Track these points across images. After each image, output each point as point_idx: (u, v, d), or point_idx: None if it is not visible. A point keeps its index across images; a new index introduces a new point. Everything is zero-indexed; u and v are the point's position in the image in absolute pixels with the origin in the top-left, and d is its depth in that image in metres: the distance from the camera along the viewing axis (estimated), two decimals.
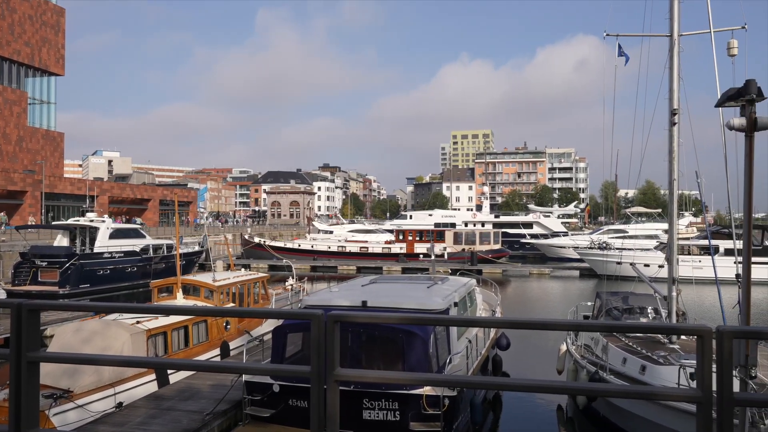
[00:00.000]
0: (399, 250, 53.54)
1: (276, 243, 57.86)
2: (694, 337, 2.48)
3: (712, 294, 13.09)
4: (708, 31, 13.36)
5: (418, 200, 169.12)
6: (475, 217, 70.95)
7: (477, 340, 13.11)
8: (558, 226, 69.02)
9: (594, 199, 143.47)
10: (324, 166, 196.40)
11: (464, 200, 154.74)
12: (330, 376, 2.70)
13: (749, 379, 7.35)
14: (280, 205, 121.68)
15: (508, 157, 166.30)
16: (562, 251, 55.83)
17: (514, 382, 3.13)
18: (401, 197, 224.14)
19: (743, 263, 7.36)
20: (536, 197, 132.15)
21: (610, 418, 12.28)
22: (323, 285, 30.29)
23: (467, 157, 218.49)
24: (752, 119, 6.54)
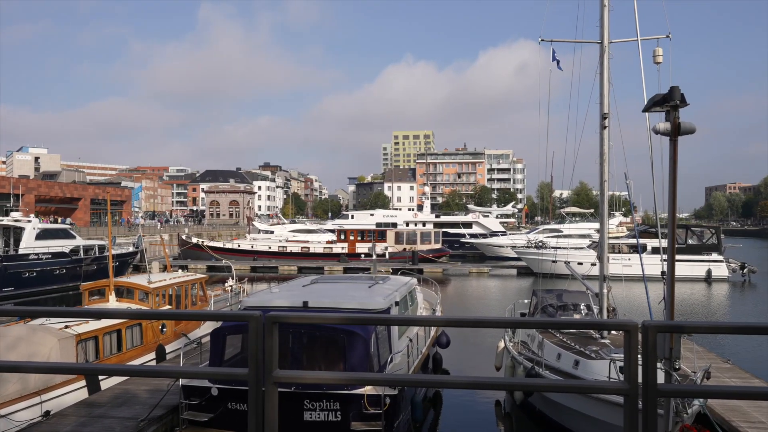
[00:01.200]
0: (340, 250, 53.41)
1: (215, 243, 56.62)
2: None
3: (641, 290, 13.68)
4: (635, 39, 13.98)
5: (359, 200, 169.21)
6: (416, 216, 71.62)
7: (418, 339, 13.24)
8: (496, 225, 70.55)
9: (531, 199, 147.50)
10: (265, 165, 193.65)
11: (405, 200, 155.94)
12: (268, 378, 2.66)
13: (673, 370, 7.75)
14: (219, 204, 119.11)
15: (448, 157, 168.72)
16: (501, 250, 57.12)
17: (453, 380, 3.18)
18: (343, 197, 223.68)
19: (668, 261, 7.74)
20: (476, 197, 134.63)
21: (546, 411, 12.65)
22: (264, 286, 29.85)
23: (408, 158, 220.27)
24: (676, 124, 6.88)
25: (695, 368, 10.43)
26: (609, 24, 13.89)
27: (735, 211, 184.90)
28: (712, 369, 10.90)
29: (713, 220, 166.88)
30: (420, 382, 3.60)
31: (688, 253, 42.02)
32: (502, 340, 15.37)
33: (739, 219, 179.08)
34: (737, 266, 43.29)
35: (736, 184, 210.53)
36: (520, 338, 14.88)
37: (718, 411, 11.12)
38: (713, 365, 12.67)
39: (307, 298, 11.26)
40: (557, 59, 15.46)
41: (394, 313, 11.71)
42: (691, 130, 6.96)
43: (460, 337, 20.12)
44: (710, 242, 44.49)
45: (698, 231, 47.39)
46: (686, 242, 43.72)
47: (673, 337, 7.36)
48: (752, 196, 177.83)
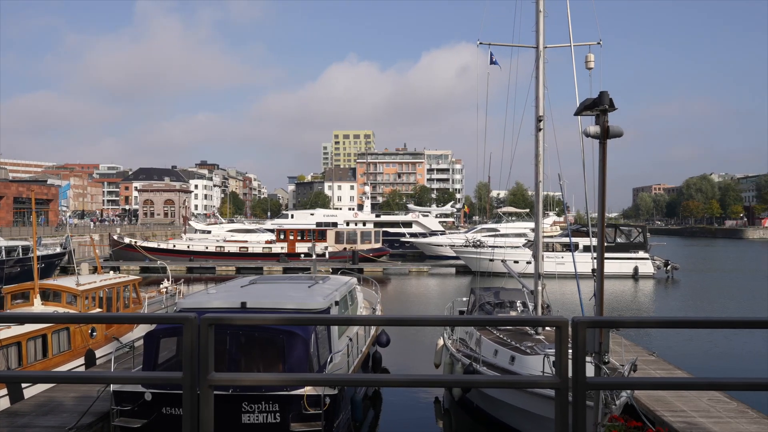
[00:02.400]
0: (280, 249, 52.81)
1: (149, 244, 54.83)
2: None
3: (573, 287, 14.17)
4: (569, 45, 14.49)
5: (299, 199, 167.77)
6: (357, 216, 71.66)
7: (358, 338, 13.25)
8: (436, 225, 71.46)
9: (469, 199, 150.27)
10: (202, 163, 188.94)
11: (346, 200, 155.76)
12: (203, 381, 2.60)
13: (603, 364, 8.06)
14: (153, 203, 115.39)
15: (388, 157, 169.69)
16: (440, 249, 57.91)
17: (393, 378, 3.20)
18: (283, 196, 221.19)
19: (597, 259, 8.05)
20: (415, 197, 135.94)
21: (483, 407, 12.92)
22: (201, 287, 29.14)
23: (349, 157, 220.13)
24: (605, 128, 7.17)
25: (623, 361, 10.89)
26: (544, 30, 14.32)
27: (660, 211, 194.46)
28: (638, 362, 11.43)
29: (640, 219, 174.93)
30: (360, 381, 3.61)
31: (617, 252, 43.88)
32: (441, 337, 15.58)
33: (664, 218, 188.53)
34: (661, 263, 45.53)
35: (660, 186, 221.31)
36: (459, 336, 15.12)
37: (644, 401, 11.66)
38: (640, 358, 13.29)
39: (246, 298, 11.07)
40: (496, 61, 15.82)
41: (333, 313, 11.68)
42: (619, 134, 7.27)
43: (401, 336, 20.27)
44: (637, 241, 46.62)
45: (626, 230, 49.56)
46: (615, 241, 45.63)
47: (602, 332, 7.67)
48: (675, 196, 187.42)
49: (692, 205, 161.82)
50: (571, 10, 14.75)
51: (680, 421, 10.85)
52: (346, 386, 10.12)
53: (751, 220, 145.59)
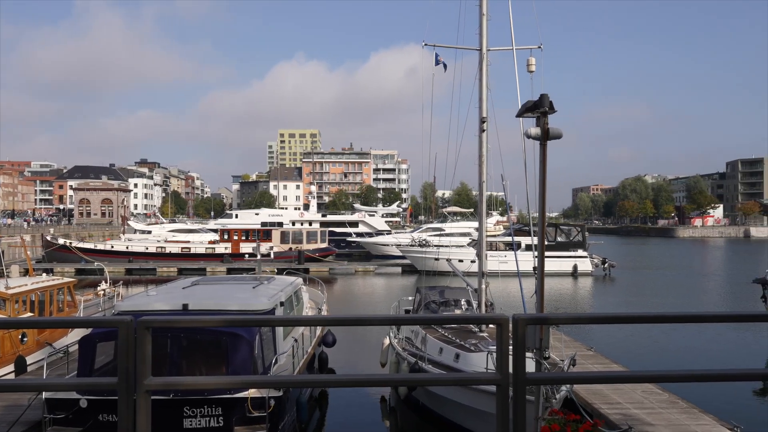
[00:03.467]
0: (224, 250, 51.83)
1: (85, 244, 52.79)
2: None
3: (516, 285, 14.49)
4: (511, 48, 14.80)
5: (244, 199, 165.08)
6: (303, 216, 71.09)
7: (303, 339, 13.15)
8: (382, 225, 71.67)
9: (415, 199, 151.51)
10: (142, 161, 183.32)
11: (292, 199, 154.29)
12: (140, 386, 2.52)
13: (543, 359, 8.28)
14: (89, 202, 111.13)
15: (335, 157, 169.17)
16: (386, 249, 58.12)
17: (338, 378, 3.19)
18: (227, 196, 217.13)
19: (538, 257, 8.27)
20: (362, 197, 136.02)
21: (429, 405, 13.03)
22: (140, 289, 28.26)
23: (295, 156, 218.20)
24: (545, 129, 7.37)
25: (563, 356, 11.23)
26: (488, 33, 14.58)
27: (598, 211, 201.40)
28: (577, 357, 11.79)
29: (579, 219, 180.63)
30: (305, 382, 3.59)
31: (557, 250, 45.19)
32: (387, 337, 15.64)
33: (601, 218, 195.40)
34: (599, 261, 47.18)
35: (598, 186, 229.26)
36: (405, 335, 15.21)
37: (583, 395, 12.05)
38: (579, 353, 13.71)
39: (188, 300, 10.81)
40: (442, 62, 15.99)
41: (279, 314, 11.55)
42: (558, 135, 7.49)
43: (347, 336, 20.23)
44: (576, 240, 48.15)
45: (566, 229, 51.13)
46: (555, 240, 46.99)
47: (542, 329, 7.87)
48: (612, 197, 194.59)
49: (628, 205, 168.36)
50: (513, 15, 15.08)
51: (616, 412, 11.27)
52: (290, 387, 10.02)
53: (682, 220, 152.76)
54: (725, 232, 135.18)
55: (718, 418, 11.08)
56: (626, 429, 10.20)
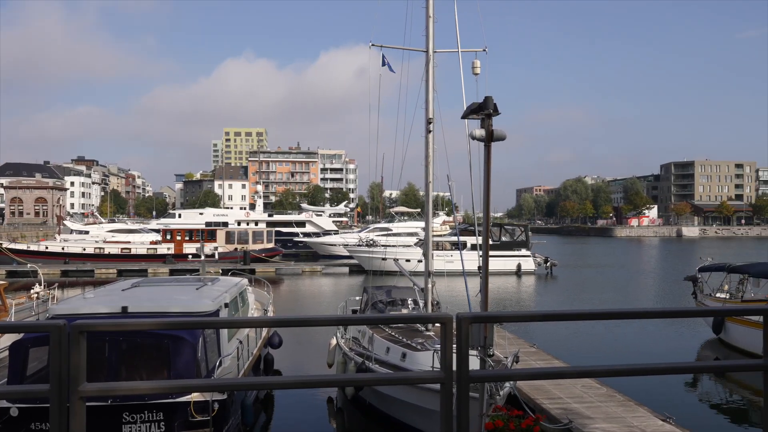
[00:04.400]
0: (166, 250, 50.50)
1: (17, 245, 50.43)
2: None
3: (462, 284, 14.69)
4: (456, 50, 15.01)
5: (188, 198, 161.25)
6: (248, 215, 70.05)
7: (249, 340, 12.95)
8: (329, 224, 71.42)
9: (362, 199, 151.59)
10: (79, 159, 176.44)
11: (237, 199, 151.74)
12: (74, 392, 2.41)
13: (487, 357, 8.43)
14: (22, 201, 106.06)
15: (281, 156, 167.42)
16: (333, 249, 57.95)
17: (284, 380, 3.15)
18: (169, 195, 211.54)
19: (483, 257, 8.41)
20: (309, 197, 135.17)
21: (375, 404, 13.06)
22: (77, 291, 27.20)
23: (240, 155, 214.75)
24: (490, 131, 7.51)
25: (507, 354, 11.46)
26: (434, 35, 14.72)
27: (540, 211, 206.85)
28: (520, 354, 12.06)
29: (522, 219, 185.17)
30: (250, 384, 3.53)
31: (502, 250, 46.15)
32: (335, 337, 15.59)
33: (544, 218, 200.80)
34: (542, 260, 48.47)
35: (541, 187, 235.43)
36: (352, 335, 15.20)
37: (526, 391, 12.35)
38: (522, 350, 14.04)
39: (127, 302, 10.46)
40: (388, 64, 16.05)
41: (223, 316, 11.34)
42: (502, 137, 7.64)
43: (293, 337, 20.05)
44: (520, 239, 49.29)
45: (510, 229, 52.25)
46: (500, 239, 47.97)
47: (487, 327, 8.02)
48: (554, 197, 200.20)
49: (569, 206, 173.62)
50: (460, 18, 15.29)
51: (557, 407, 11.60)
52: (235, 390, 9.85)
53: (620, 220, 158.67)
54: (659, 232, 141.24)
55: (652, 410, 11.56)
56: (566, 423, 10.51)
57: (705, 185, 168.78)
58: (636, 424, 10.75)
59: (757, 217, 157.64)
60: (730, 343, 20.37)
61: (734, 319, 19.59)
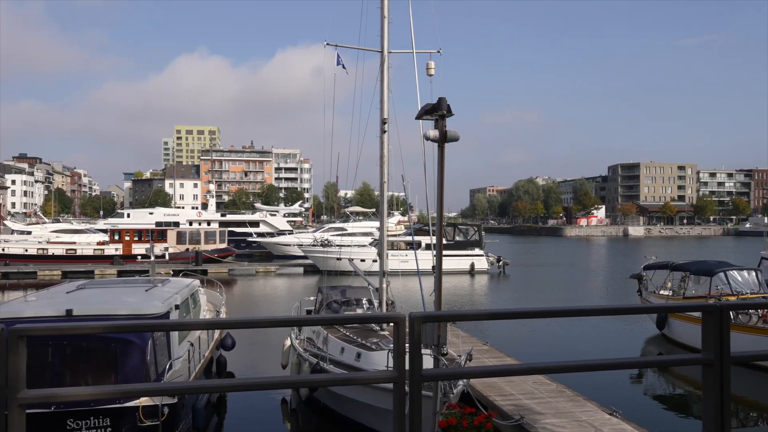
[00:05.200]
0: (114, 251, 49.06)
1: None
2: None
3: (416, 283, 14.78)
4: (411, 51, 15.10)
5: (137, 198, 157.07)
6: (201, 215, 68.72)
7: (200, 343, 12.72)
8: (284, 224, 70.77)
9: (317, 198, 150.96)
10: (20, 156, 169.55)
11: (189, 198, 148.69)
12: (12, 400, 2.32)
13: (441, 356, 8.51)
14: None
15: (234, 155, 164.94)
16: (288, 249, 57.45)
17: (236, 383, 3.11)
18: (118, 194, 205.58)
19: (437, 256, 8.48)
20: (263, 196, 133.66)
21: (331, 405, 13.01)
22: (19, 294, 26.13)
23: (192, 154, 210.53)
24: (443, 132, 7.58)
25: (460, 352, 11.59)
26: (389, 35, 14.77)
27: (493, 211, 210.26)
28: (474, 352, 12.23)
29: (476, 218, 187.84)
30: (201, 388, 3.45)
31: (456, 249, 46.69)
32: (289, 338, 15.46)
33: (497, 218, 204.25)
34: (494, 260, 49.28)
35: (494, 187, 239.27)
36: (306, 335, 15.10)
37: (479, 388, 12.52)
38: (475, 348, 14.22)
39: (72, 305, 10.10)
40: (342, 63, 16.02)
41: (174, 318, 11.10)
42: (456, 138, 7.73)
43: (247, 338, 19.79)
44: (473, 239, 49.98)
45: (464, 229, 52.93)
46: (454, 239, 48.53)
47: (440, 326, 8.09)
48: (506, 198, 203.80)
49: (521, 206, 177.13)
50: (415, 20, 15.39)
51: (509, 403, 11.81)
52: (186, 394, 9.64)
53: (569, 220, 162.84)
54: (607, 231, 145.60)
55: (599, 404, 11.90)
56: (518, 419, 10.72)
57: (650, 186, 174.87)
58: (584, 418, 11.05)
59: (697, 217, 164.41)
60: (673, 338, 21.17)
61: (676, 315, 20.37)
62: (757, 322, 17.40)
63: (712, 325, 3.03)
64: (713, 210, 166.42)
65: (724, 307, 3.05)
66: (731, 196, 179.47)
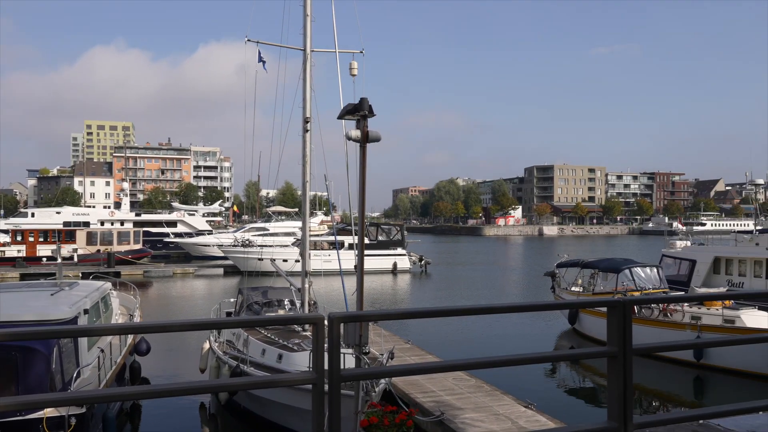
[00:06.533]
0: (17, 253, 45.95)
1: None
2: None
3: (339, 283, 14.75)
4: (334, 51, 15.06)
5: (42, 196, 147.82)
6: (113, 215, 65.58)
7: (112, 348, 12.15)
8: (203, 224, 68.77)
9: (239, 198, 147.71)
10: None
11: (100, 197, 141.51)
12: None
13: (363, 355, 8.55)
14: None
15: (150, 152, 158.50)
16: (207, 250, 55.91)
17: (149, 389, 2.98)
18: (21, 192, 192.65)
19: (358, 256, 8.52)
20: (181, 195, 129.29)
21: (251, 408, 12.78)
22: None
23: (104, 150, 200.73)
24: (365, 132, 7.61)
25: (383, 351, 11.69)
26: (311, 34, 14.67)
27: (416, 211, 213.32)
28: (396, 350, 12.37)
29: (399, 218, 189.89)
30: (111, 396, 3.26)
31: (378, 249, 47.04)
32: (207, 341, 15.05)
33: (419, 218, 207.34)
34: (417, 259, 50.04)
35: (416, 188, 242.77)
36: (226, 337, 14.76)
37: (401, 386, 12.67)
38: (397, 347, 14.39)
39: None
40: (264, 60, 15.75)
41: (82, 323, 10.54)
42: (377, 138, 7.79)
43: (164, 343, 19.09)
44: (396, 238, 50.52)
45: (387, 228, 53.37)
46: (377, 239, 48.86)
47: (362, 326, 8.13)
48: (428, 198, 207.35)
49: (442, 206, 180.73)
50: (339, 20, 15.33)
51: (430, 400, 12.03)
52: (95, 403, 9.18)
53: (488, 219, 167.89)
54: (523, 231, 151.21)
55: (516, 397, 12.35)
56: (439, 415, 10.93)
57: (563, 188, 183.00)
58: (502, 411, 11.42)
59: (606, 217, 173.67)
60: (584, 332, 22.27)
61: (587, 310, 21.45)
62: (658, 316, 18.61)
63: (615, 320, 3.21)
64: (620, 210, 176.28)
65: (627, 302, 3.24)
66: (636, 198, 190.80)
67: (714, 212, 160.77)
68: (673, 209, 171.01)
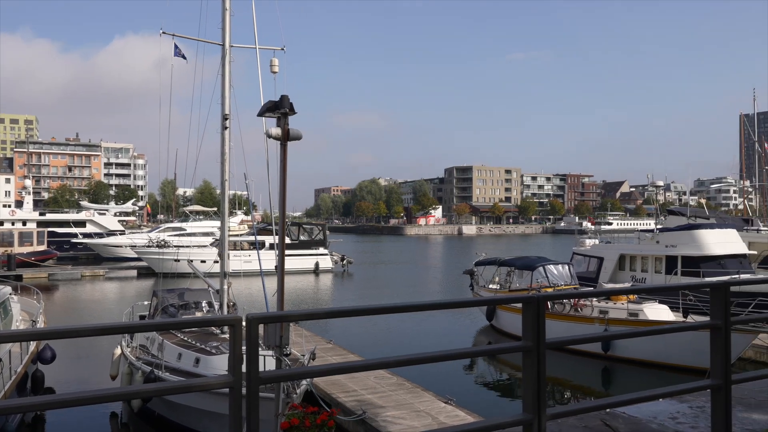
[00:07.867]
0: None
1: None
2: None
3: (260, 284, 14.49)
4: (254, 47, 14.76)
5: None
6: (14, 214, 61.28)
7: (11, 357, 11.36)
8: (115, 224, 65.61)
9: (153, 197, 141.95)
10: None
11: (0, 195, 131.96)
12: None
13: (284, 356, 8.43)
14: None
15: (56, 148, 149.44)
16: (119, 250, 53.44)
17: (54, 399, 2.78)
18: None
19: (279, 256, 8.38)
20: (90, 193, 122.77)
21: (166, 414, 12.32)
22: None
23: (3, 145, 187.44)
24: (285, 130, 7.50)
25: (304, 351, 11.58)
26: (231, 28, 14.30)
27: (338, 211, 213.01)
28: (317, 350, 12.28)
29: (321, 218, 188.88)
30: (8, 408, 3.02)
31: (300, 248, 46.61)
32: (119, 346, 14.37)
33: (341, 217, 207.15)
34: (339, 258, 49.97)
35: (339, 187, 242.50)
36: (139, 342, 14.15)
37: (323, 387, 12.60)
38: (319, 347, 14.30)
39: None
40: (181, 54, 15.21)
41: None
42: (298, 137, 7.69)
43: (71, 350, 18.06)
44: (318, 238, 50.24)
45: (309, 228, 53.00)
46: (298, 238, 48.40)
47: (283, 326, 8.00)
48: (351, 198, 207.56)
49: (364, 206, 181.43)
50: (261, 16, 15.07)
51: (352, 399, 12.04)
52: None
53: (410, 219, 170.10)
54: (444, 230, 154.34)
55: (436, 394, 12.58)
56: (361, 414, 10.95)
57: (481, 188, 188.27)
58: (422, 408, 11.60)
59: (522, 216, 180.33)
60: (501, 328, 23.01)
61: (503, 306, 22.17)
62: (569, 311, 19.50)
63: (530, 315, 3.32)
64: (534, 210, 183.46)
65: (540, 298, 3.35)
66: (549, 198, 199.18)
67: (619, 212, 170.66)
68: (583, 209, 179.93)
